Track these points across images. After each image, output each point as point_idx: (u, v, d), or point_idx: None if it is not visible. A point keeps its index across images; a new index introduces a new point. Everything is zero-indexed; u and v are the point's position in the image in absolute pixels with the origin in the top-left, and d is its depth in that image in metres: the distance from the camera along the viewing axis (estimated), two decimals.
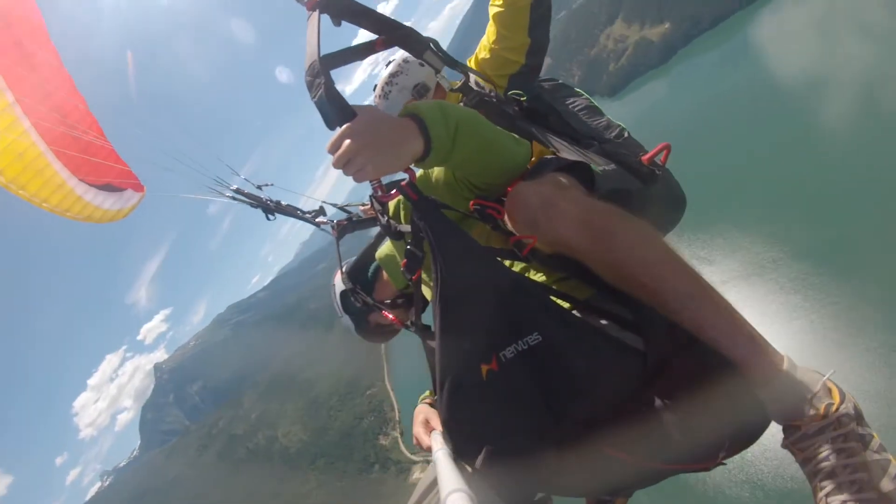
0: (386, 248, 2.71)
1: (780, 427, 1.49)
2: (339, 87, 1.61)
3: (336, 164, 1.56)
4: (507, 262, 1.77)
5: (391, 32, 1.96)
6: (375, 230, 2.83)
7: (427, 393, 2.31)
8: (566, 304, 1.67)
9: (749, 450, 1.64)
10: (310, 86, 1.63)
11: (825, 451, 1.35)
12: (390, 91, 2.86)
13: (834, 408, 1.38)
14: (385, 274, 2.72)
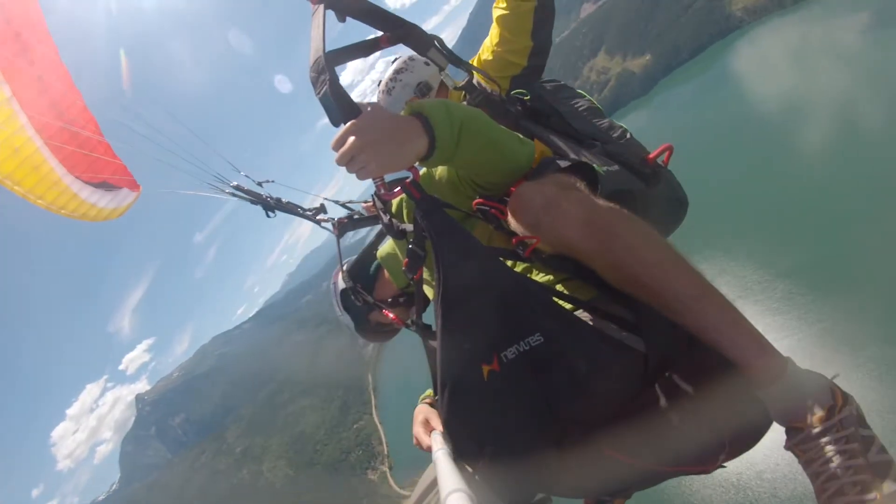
0: (387, 246, 2.71)
1: (782, 429, 1.49)
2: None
3: (339, 161, 1.56)
4: (509, 263, 1.77)
5: (396, 29, 1.96)
6: (377, 228, 2.83)
7: (427, 393, 2.31)
8: (568, 305, 1.67)
9: (751, 451, 1.64)
10: (314, 82, 1.63)
11: (828, 453, 1.35)
12: (394, 87, 2.87)
13: (837, 410, 1.38)
14: (386, 273, 2.72)
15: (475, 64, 2.76)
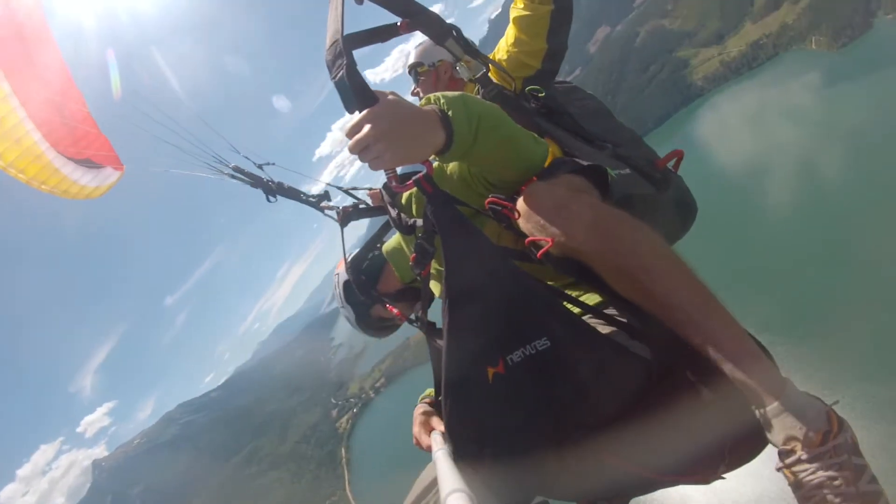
0: (393, 240, 2.68)
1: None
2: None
3: (353, 150, 1.50)
4: (518, 263, 1.74)
5: (415, 16, 1.92)
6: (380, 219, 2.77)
7: (427, 392, 2.28)
8: (576, 310, 1.67)
9: (746, 468, 1.63)
10: (330, 66, 1.57)
11: (818, 479, 1.34)
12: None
13: (832, 436, 1.37)
14: (391, 266, 2.67)
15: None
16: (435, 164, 2.08)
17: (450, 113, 1.57)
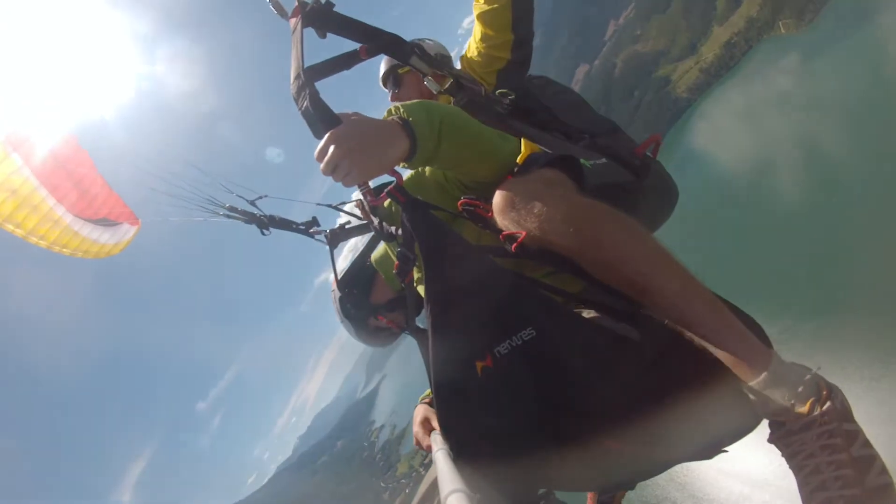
0: (381, 249, 2.72)
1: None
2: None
3: (324, 171, 1.58)
4: (498, 259, 1.77)
5: (376, 40, 1.99)
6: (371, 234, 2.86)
7: (427, 393, 2.31)
8: (559, 298, 1.68)
9: (743, 443, 1.60)
10: (296, 98, 1.67)
11: (810, 447, 1.35)
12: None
13: (821, 403, 1.38)
14: (381, 276, 2.72)
15: (462, 61, 2.82)
16: (409, 173, 2.18)
17: (411, 120, 1.63)
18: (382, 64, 3.15)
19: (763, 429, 1.52)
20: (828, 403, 1.36)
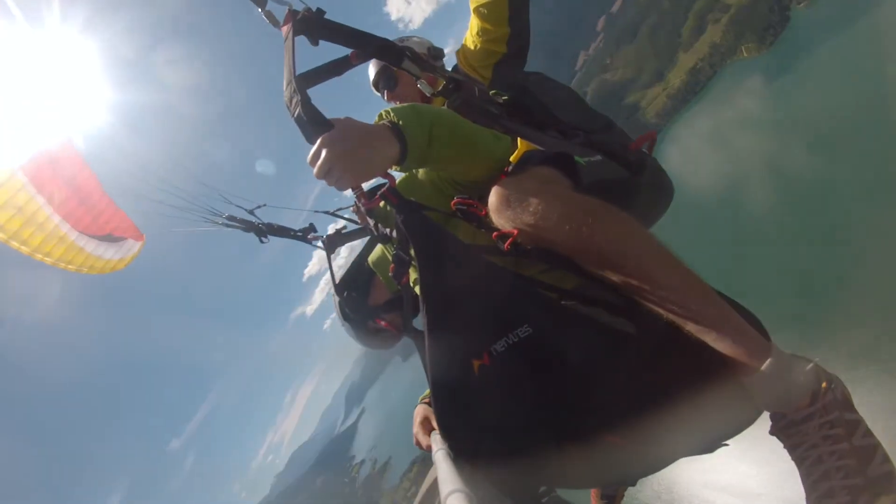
0: (378, 251, 2.74)
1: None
2: None
3: (317, 175, 1.59)
4: (492, 258, 1.76)
5: (367, 45, 1.99)
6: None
7: (427, 393, 2.31)
8: (554, 295, 1.67)
9: (744, 436, 1.60)
10: (288, 105, 1.68)
11: (812, 438, 1.35)
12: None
13: (821, 394, 1.39)
14: (378, 278, 2.74)
15: (459, 56, 2.81)
16: (401, 175, 2.21)
17: (401, 123, 1.66)
18: (371, 66, 3.14)
19: (757, 429, 1.52)
20: (828, 394, 1.38)
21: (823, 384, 1.39)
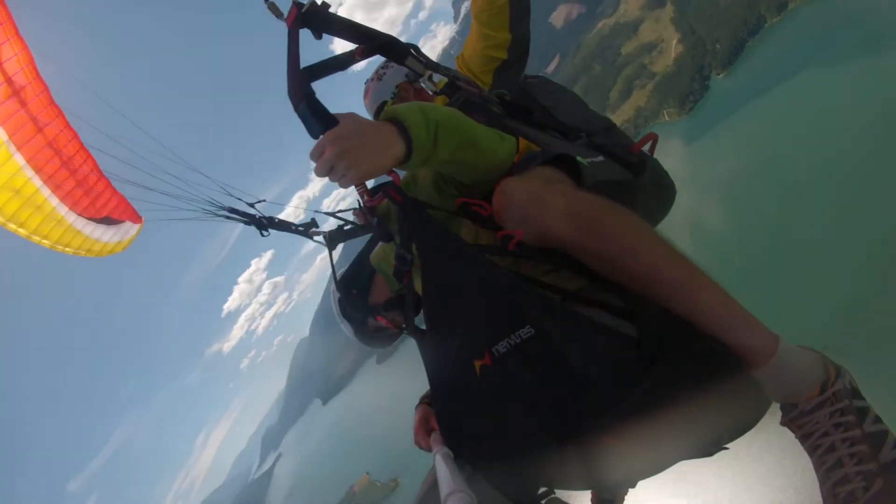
0: (380, 249, 2.73)
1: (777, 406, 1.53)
2: None
3: (318, 172, 1.59)
4: (496, 258, 1.75)
5: (371, 41, 2.00)
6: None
7: (427, 392, 2.30)
8: (557, 296, 1.67)
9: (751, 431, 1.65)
10: (292, 98, 1.68)
11: (823, 427, 1.38)
12: (385, 73, 2.93)
13: (830, 383, 1.41)
14: (381, 277, 2.72)
15: (459, 62, 2.83)
16: (405, 174, 2.20)
17: (407, 123, 1.63)
18: (368, 102, 3.05)
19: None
20: (837, 383, 1.41)
21: (832, 373, 1.43)
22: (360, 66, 2.23)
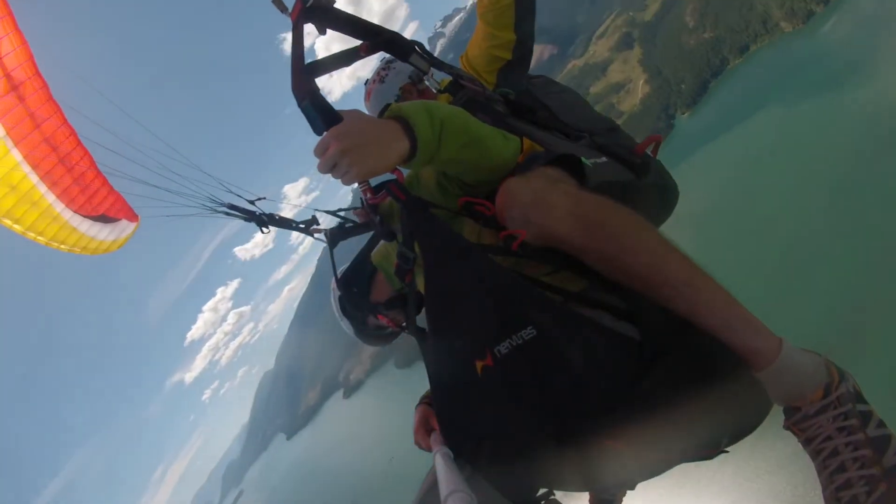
0: (382, 247, 2.71)
1: (780, 409, 1.52)
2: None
3: (321, 168, 1.57)
4: (498, 258, 1.74)
5: (375, 37, 1.99)
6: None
7: (427, 392, 2.28)
8: (559, 297, 1.66)
9: (752, 435, 1.66)
10: (296, 93, 1.67)
11: (827, 431, 1.36)
12: (387, 75, 2.92)
13: (833, 387, 1.40)
14: (382, 275, 2.71)
15: (463, 61, 2.83)
16: (408, 172, 2.18)
17: (411, 121, 1.62)
18: (370, 104, 3.05)
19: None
20: (841, 386, 1.39)
21: (836, 377, 1.42)
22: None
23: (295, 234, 2.93)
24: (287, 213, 3.07)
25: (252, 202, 2.91)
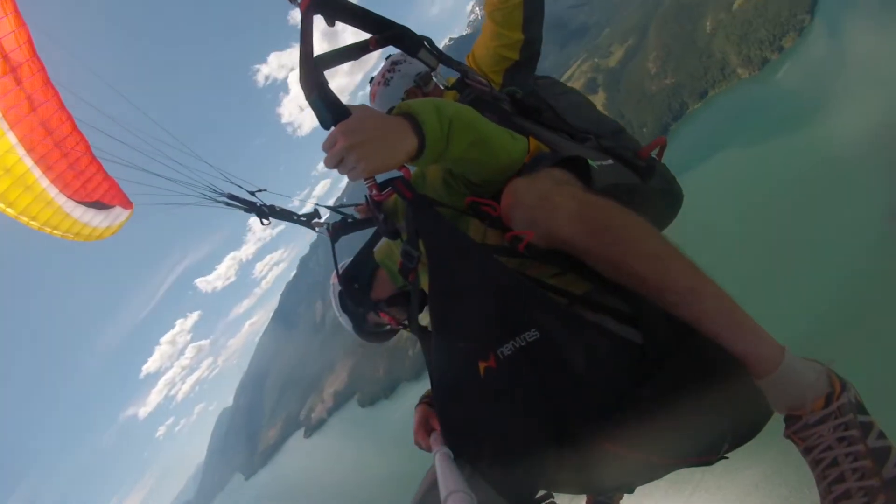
0: (384, 245, 2.71)
1: (781, 417, 1.52)
2: None
3: (328, 163, 1.57)
4: (502, 259, 1.73)
5: (385, 31, 1.98)
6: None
7: (427, 392, 2.28)
8: (563, 300, 1.66)
9: (751, 442, 1.67)
10: (304, 86, 1.66)
11: (827, 440, 1.36)
12: (392, 77, 2.89)
13: (835, 397, 1.40)
14: (384, 272, 2.70)
15: (470, 60, 2.82)
16: (415, 170, 2.19)
17: (420, 118, 1.61)
18: (374, 106, 2.98)
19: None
20: (842, 396, 1.39)
21: (837, 387, 1.42)
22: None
23: (258, 266, 2.90)
24: (294, 208, 3.02)
25: (253, 193, 2.89)
